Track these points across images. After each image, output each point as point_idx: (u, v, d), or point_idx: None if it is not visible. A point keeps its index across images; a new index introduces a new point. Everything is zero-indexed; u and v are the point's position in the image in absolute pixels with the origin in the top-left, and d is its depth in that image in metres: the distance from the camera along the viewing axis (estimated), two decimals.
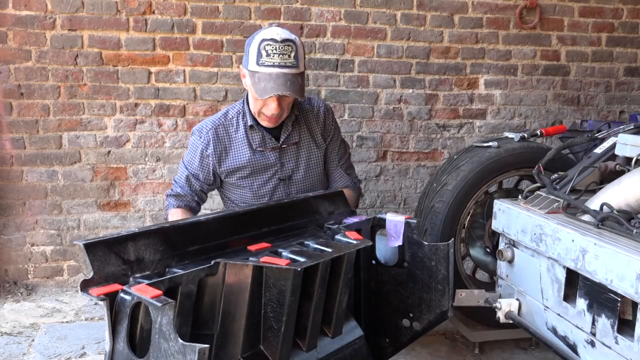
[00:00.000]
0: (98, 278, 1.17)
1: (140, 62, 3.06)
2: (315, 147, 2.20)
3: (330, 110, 2.28)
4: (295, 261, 1.36)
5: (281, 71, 1.92)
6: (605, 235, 1.58)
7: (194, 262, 1.33)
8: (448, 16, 3.35)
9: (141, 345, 1.15)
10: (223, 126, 2.14)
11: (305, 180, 2.19)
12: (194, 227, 1.41)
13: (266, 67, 1.93)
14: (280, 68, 1.93)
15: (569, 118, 3.60)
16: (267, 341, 1.44)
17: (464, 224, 2.40)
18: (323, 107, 2.25)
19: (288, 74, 1.93)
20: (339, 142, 2.30)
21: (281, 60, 1.93)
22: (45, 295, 3.05)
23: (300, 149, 2.18)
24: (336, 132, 2.28)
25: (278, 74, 1.92)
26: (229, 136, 2.13)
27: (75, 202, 3.12)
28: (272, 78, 1.92)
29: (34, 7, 2.92)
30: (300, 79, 2.00)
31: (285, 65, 1.94)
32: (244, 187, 2.17)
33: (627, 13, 3.57)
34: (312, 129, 2.20)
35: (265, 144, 2.13)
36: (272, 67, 1.93)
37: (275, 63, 1.93)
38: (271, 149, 2.13)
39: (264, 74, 1.93)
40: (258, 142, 2.13)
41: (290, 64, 1.95)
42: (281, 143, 2.13)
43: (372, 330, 1.85)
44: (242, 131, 2.13)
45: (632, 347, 1.45)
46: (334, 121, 2.28)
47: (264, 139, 2.13)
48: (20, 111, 2.99)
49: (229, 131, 2.14)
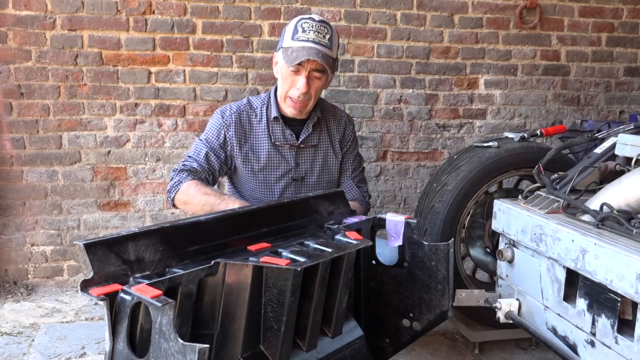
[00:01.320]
0: (98, 278, 1.17)
1: (140, 62, 3.07)
2: (332, 153, 2.19)
3: (352, 122, 2.30)
4: (295, 261, 1.36)
5: (315, 46, 1.93)
6: (605, 235, 1.58)
7: (194, 262, 1.33)
8: (448, 16, 3.35)
9: (141, 345, 1.14)
10: (246, 113, 2.12)
11: (318, 185, 2.17)
12: (194, 227, 1.41)
13: (300, 41, 1.93)
14: (314, 43, 1.93)
15: (569, 118, 3.60)
16: (267, 341, 1.44)
17: (464, 224, 2.40)
18: (345, 117, 2.27)
19: (321, 50, 1.93)
20: (355, 154, 2.28)
21: (316, 37, 1.94)
22: (45, 295, 3.05)
23: (317, 152, 2.16)
24: (354, 143, 2.27)
25: (311, 47, 1.92)
26: (250, 124, 2.11)
27: (75, 202, 3.12)
28: (305, 49, 1.92)
29: (34, 7, 2.92)
30: (332, 61, 1.99)
31: (320, 42, 1.94)
32: (256, 181, 2.13)
33: (627, 13, 3.58)
34: (332, 135, 2.20)
35: (285, 139, 2.11)
36: (306, 42, 1.93)
37: (310, 38, 1.94)
38: (289, 146, 2.11)
39: (297, 47, 1.93)
40: (278, 136, 2.11)
41: (325, 43, 1.95)
42: (300, 142, 2.12)
43: (372, 330, 1.85)
44: (264, 122, 2.11)
45: (632, 347, 1.45)
46: (353, 133, 2.28)
47: (284, 134, 2.11)
48: (20, 111, 2.99)
49: (252, 119, 2.12)
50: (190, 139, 3.16)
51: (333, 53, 2.00)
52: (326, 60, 1.94)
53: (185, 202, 2.00)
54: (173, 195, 2.02)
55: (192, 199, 1.97)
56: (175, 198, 2.02)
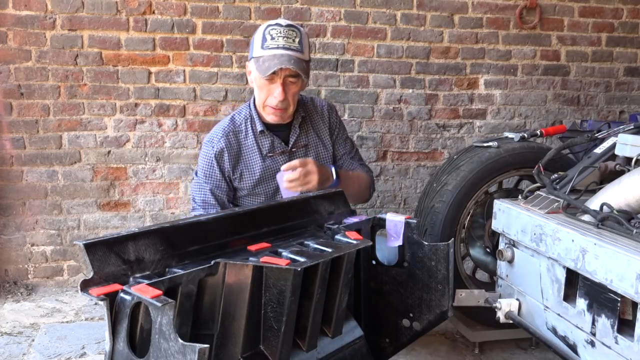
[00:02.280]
0: (98, 278, 1.17)
1: (140, 62, 3.07)
2: (323, 148, 2.19)
3: (334, 108, 2.28)
4: (295, 261, 1.36)
5: (286, 52, 1.90)
6: (605, 235, 1.58)
7: (194, 262, 1.33)
8: (448, 16, 3.35)
9: (141, 345, 1.14)
10: (233, 133, 2.09)
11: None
12: (194, 227, 1.41)
13: (271, 49, 1.90)
14: (284, 50, 1.91)
15: (569, 118, 3.60)
16: (267, 341, 1.44)
17: (464, 224, 2.40)
18: (326, 105, 2.24)
19: (292, 55, 1.91)
20: (345, 138, 2.28)
21: (285, 42, 1.91)
22: (45, 295, 3.05)
23: (309, 150, 2.16)
24: (341, 128, 2.27)
25: (282, 54, 1.90)
26: (239, 143, 2.10)
27: (75, 202, 3.12)
28: (276, 57, 1.90)
29: (34, 7, 2.92)
30: (305, 64, 1.97)
31: (290, 47, 1.91)
32: (256, 195, 2.13)
33: (627, 13, 3.58)
34: (319, 130, 2.19)
35: (275, 149, 2.11)
36: (276, 49, 1.90)
37: (280, 45, 1.91)
38: (280, 152, 2.11)
39: (268, 55, 1.91)
40: (268, 147, 2.10)
41: (295, 47, 1.93)
42: (291, 146, 2.12)
43: (372, 330, 1.84)
44: (252, 137, 2.10)
45: (632, 347, 1.45)
46: (337, 118, 2.27)
47: (274, 144, 2.10)
48: (20, 111, 2.99)
49: (239, 137, 2.10)
50: (191, 139, 3.16)
51: (305, 55, 1.97)
52: (299, 65, 1.92)
53: None
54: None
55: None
56: None
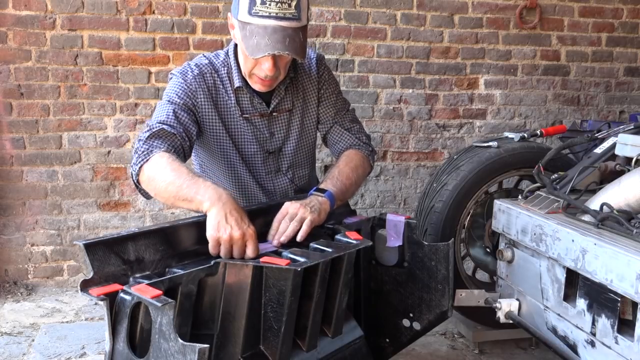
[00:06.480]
0: (98, 278, 1.17)
1: (140, 62, 3.07)
2: (309, 115, 1.90)
3: (323, 59, 1.93)
4: (295, 261, 1.36)
5: (279, 24, 1.54)
6: (605, 235, 1.58)
7: (194, 262, 1.33)
8: (448, 16, 3.35)
9: (141, 345, 1.14)
10: (210, 75, 1.77)
11: (296, 154, 1.91)
12: (194, 227, 1.41)
13: (260, 17, 1.54)
14: (277, 20, 1.54)
15: (569, 118, 3.60)
16: (267, 341, 1.44)
17: (464, 224, 2.40)
18: (314, 58, 1.90)
19: (287, 28, 1.55)
20: (335, 94, 1.93)
21: (279, 10, 1.54)
22: (45, 295, 3.05)
23: (292, 116, 1.86)
24: (331, 83, 1.92)
25: (275, 28, 1.54)
26: (216, 90, 1.77)
27: (75, 202, 3.12)
28: (267, 33, 1.54)
29: (34, 7, 2.92)
30: (302, 35, 1.61)
31: (284, 16, 1.55)
32: (226, 161, 1.84)
33: (627, 13, 3.58)
34: (307, 91, 1.87)
35: (254, 109, 1.80)
36: (267, 19, 1.54)
37: (272, 13, 1.54)
38: (259, 115, 1.80)
39: (257, 26, 1.55)
40: (246, 106, 1.79)
41: (291, 14, 1.56)
42: (272, 109, 1.81)
43: (372, 330, 1.84)
44: (230, 90, 1.77)
45: (632, 347, 1.45)
46: (327, 70, 1.92)
47: (253, 103, 1.79)
48: (20, 111, 2.99)
49: (217, 84, 1.77)
50: None
51: (302, 20, 1.60)
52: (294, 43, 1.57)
53: (150, 178, 1.53)
54: (139, 166, 1.55)
55: (159, 174, 1.51)
56: (143, 171, 1.55)
